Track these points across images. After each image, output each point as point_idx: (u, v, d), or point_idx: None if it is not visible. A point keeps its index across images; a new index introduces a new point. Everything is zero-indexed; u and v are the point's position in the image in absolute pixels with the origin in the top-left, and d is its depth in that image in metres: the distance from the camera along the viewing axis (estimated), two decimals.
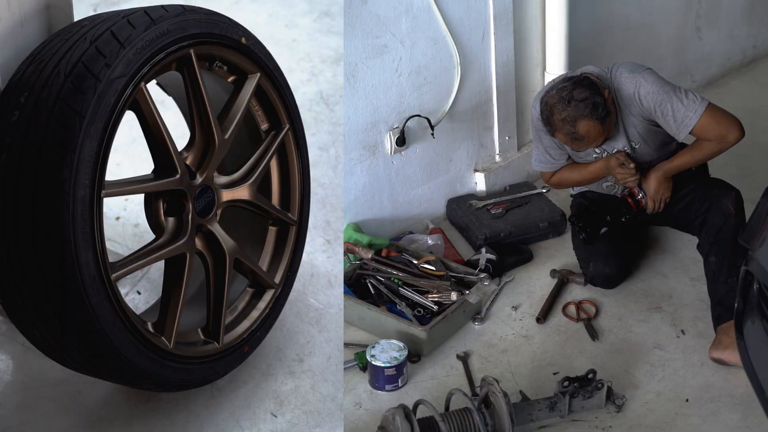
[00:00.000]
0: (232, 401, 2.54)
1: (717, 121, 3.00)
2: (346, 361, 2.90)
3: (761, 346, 2.24)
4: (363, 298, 3.07)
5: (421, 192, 3.55)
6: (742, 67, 5.00)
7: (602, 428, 2.64)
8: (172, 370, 2.33)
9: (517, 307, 3.17)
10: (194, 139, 2.40)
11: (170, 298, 2.36)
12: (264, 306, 2.64)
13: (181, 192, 2.34)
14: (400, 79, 3.31)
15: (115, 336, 2.14)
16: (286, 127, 2.65)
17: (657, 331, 3.04)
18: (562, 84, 2.97)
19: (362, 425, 2.68)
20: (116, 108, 2.09)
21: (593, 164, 3.19)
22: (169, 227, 2.35)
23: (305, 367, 2.64)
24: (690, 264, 3.33)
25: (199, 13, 2.34)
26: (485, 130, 3.70)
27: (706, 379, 2.81)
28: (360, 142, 3.28)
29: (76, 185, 2.03)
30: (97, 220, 2.09)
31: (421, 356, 2.92)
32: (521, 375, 2.85)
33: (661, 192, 3.18)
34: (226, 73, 2.49)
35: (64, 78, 2.05)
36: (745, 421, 2.64)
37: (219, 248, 2.47)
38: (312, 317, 2.80)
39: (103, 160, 2.08)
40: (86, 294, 2.06)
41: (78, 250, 2.04)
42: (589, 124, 2.90)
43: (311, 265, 2.97)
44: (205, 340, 2.48)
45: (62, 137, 2.02)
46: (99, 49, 2.08)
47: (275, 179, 2.72)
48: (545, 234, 3.51)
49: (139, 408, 2.50)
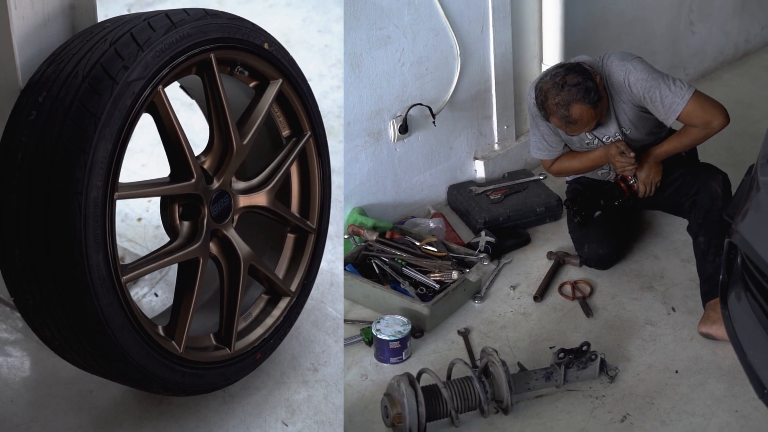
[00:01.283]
0: (243, 408, 2.55)
1: (702, 107, 3.14)
2: (352, 336, 3.04)
3: (744, 316, 2.38)
4: (368, 278, 3.21)
5: (423, 178, 3.69)
6: (734, 61, 5.13)
7: (596, 397, 2.78)
8: (181, 375, 2.33)
9: (515, 286, 3.31)
10: (212, 143, 2.40)
11: (182, 302, 2.36)
12: (279, 314, 2.64)
13: (196, 196, 2.34)
14: (402, 69, 3.45)
15: (123, 338, 2.15)
16: (307, 135, 2.65)
17: (649, 308, 3.18)
18: (555, 70, 3.11)
19: (368, 395, 2.82)
20: (132, 110, 2.09)
21: (593, 152, 3.33)
22: (183, 231, 2.36)
23: (319, 376, 2.64)
24: (681, 246, 3.47)
25: (221, 17, 2.34)
26: (484, 119, 3.84)
27: (694, 353, 2.95)
28: (364, 130, 3.42)
29: (89, 186, 2.03)
30: (109, 221, 2.10)
31: (424, 332, 3.06)
32: (519, 349, 2.99)
33: (651, 176, 3.32)
34: (247, 78, 2.49)
35: (82, 79, 2.06)
36: (731, 391, 2.77)
37: (234, 254, 2.46)
38: (329, 326, 2.81)
39: (117, 162, 2.09)
40: (96, 295, 2.07)
41: (89, 252, 2.05)
42: (582, 108, 3.04)
43: (331, 274, 2.99)
44: (217, 346, 2.48)
45: (76, 138, 2.03)
46: (118, 51, 2.09)
47: (295, 187, 2.72)
48: (542, 218, 3.65)
49: (149, 411, 2.52)
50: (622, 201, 3.36)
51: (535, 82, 3.20)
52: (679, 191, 3.31)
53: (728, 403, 2.73)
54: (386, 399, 2.60)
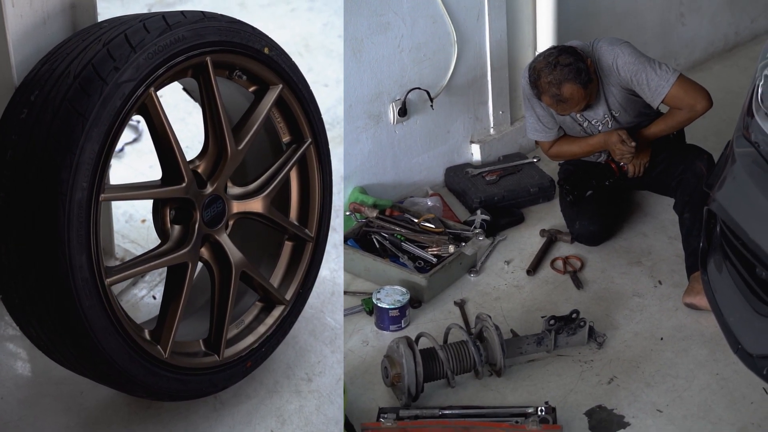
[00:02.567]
0: (233, 415, 2.53)
1: (686, 91, 3.29)
2: (353, 306, 3.19)
3: (721, 280, 2.53)
4: (369, 252, 3.36)
5: (421, 160, 3.85)
6: (724, 52, 5.28)
7: (584, 362, 2.93)
8: (166, 380, 2.30)
9: (509, 261, 3.47)
10: (207, 147, 2.37)
11: (169, 306, 2.33)
12: (272, 322, 2.60)
13: (188, 201, 2.32)
14: (401, 54, 3.60)
15: (106, 340, 2.13)
16: (307, 142, 2.62)
17: (636, 281, 3.33)
18: (548, 51, 3.27)
19: (369, 359, 2.97)
20: (122, 112, 2.08)
21: (592, 138, 3.47)
22: (174, 235, 2.33)
23: (313, 387, 2.62)
24: (668, 225, 3.62)
25: (220, 20, 2.31)
26: (480, 105, 4.00)
27: (679, 321, 3.10)
28: (365, 112, 3.57)
29: (74, 187, 2.01)
30: (95, 223, 2.08)
31: (422, 302, 3.21)
32: (512, 318, 3.14)
33: (640, 158, 3.47)
34: (246, 83, 2.46)
35: (73, 79, 2.05)
36: (713, 356, 2.93)
37: (226, 260, 2.44)
38: (327, 336, 2.79)
39: (104, 163, 2.07)
40: (78, 296, 2.05)
41: (72, 252, 2.03)
42: (573, 88, 3.19)
43: (333, 283, 2.98)
44: (206, 352, 2.45)
45: (63, 138, 2.01)
46: (110, 51, 2.08)
47: (295, 194, 2.69)
48: (535, 199, 3.81)
49: (138, 414, 2.51)
50: (612, 181, 3.51)
51: (529, 64, 3.35)
52: (666, 171, 3.46)
53: (709, 366, 2.88)
54: (386, 360, 2.75)
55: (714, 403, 2.73)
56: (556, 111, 3.33)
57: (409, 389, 2.68)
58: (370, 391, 2.82)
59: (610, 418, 2.69)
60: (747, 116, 2.52)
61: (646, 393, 2.78)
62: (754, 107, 2.46)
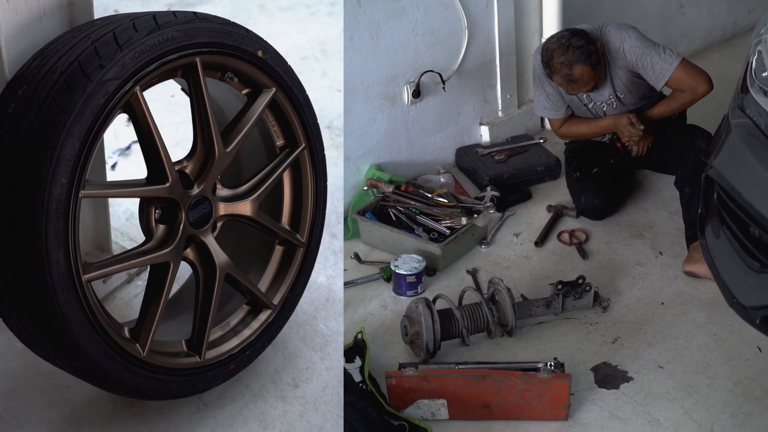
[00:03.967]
0: (216, 417, 2.54)
1: (688, 74, 3.48)
2: (371, 274, 3.38)
3: (718, 243, 2.73)
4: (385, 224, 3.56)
5: (433, 140, 4.04)
6: (723, 42, 5.45)
7: (590, 324, 3.12)
8: (144, 378, 2.30)
9: (518, 234, 3.66)
10: (195, 149, 2.38)
11: (149, 305, 2.33)
12: (258, 326, 2.60)
13: (173, 201, 2.32)
14: (415, 38, 3.80)
15: (81, 336, 2.14)
16: (301, 146, 2.61)
17: (639, 252, 3.52)
18: (561, 33, 3.46)
19: (388, 321, 3.16)
20: (105, 110, 2.08)
21: (602, 120, 3.65)
22: (157, 234, 2.34)
23: (299, 393, 2.63)
24: (668, 201, 3.81)
25: (212, 21, 2.30)
26: (489, 88, 4.19)
27: (679, 288, 3.29)
28: (381, 93, 3.76)
29: (53, 183, 2.02)
30: (73, 219, 2.09)
31: (437, 271, 3.40)
32: (522, 285, 3.33)
33: (644, 138, 3.65)
34: (238, 85, 2.46)
35: (59, 75, 2.06)
36: (710, 318, 3.12)
37: (210, 261, 2.44)
38: (317, 343, 2.80)
39: (85, 159, 2.08)
40: (54, 291, 2.07)
41: (49, 247, 2.04)
42: (583, 69, 3.38)
43: (329, 290, 2.99)
44: (188, 353, 2.45)
45: (44, 134, 2.02)
46: (97, 49, 2.08)
47: (287, 199, 2.69)
48: (542, 177, 4.00)
49: (122, 412, 2.53)
50: (617, 159, 3.70)
51: (540, 46, 3.54)
52: (668, 150, 3.65)
53: (707, 328, 3.07)
54: (406, 320, 2.95)
55: (711, 360, 2.93)
56: (566, 90, 3.52)
57: (427, 346, 2.87)
58: (390, 349, 3.02)
59: (614, 373, 2.89)
60: (741, 93, 2.71)
61: (647, 351, 2.97)
62: (748, 82, 2.64)
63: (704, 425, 2.67)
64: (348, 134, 3.70)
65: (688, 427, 2.66)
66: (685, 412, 2.72)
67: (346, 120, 3.66)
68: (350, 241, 3.59)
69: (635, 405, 2.75)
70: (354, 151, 3.71)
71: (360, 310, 3.22)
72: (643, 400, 2.77)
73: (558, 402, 2.62)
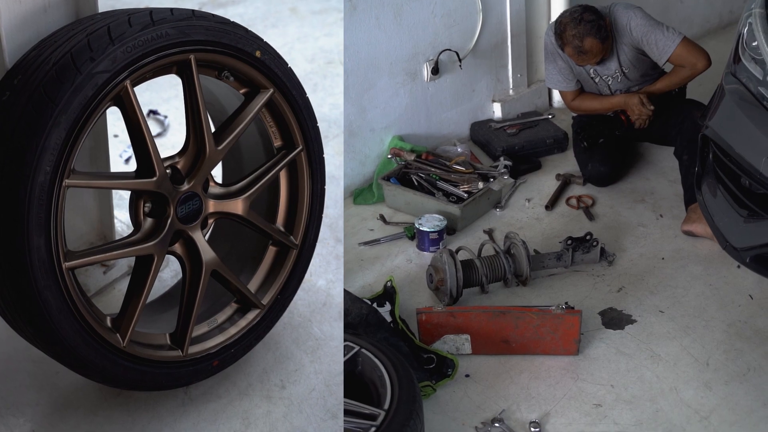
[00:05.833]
0: (200, 413, 2.56)
1: (689, 50, 3.79)
2: (396, 233, 3.69)
3: (714, 200, 3.03)
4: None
5: (449, 115, 4.34)
6: (719, 29, 5.74)
7: (597, 276, 3.43)
8: (122, 368, 2.32)
9: (529, 199, 3.97)
10: (188, 145, 2.39)
11: (132, 297, 2.35)
12: (245, 324, 2.60)
13: (161, 195, 2.33)
14: (435, 19, 4.10)
15: (60, 322, 2.17)
16: (298, 149, 2.61)
17: (641, 215, 3.83)
18: (574, 8, 3.76)
19: (413, 273, 3.47)
20: (93, 102, 2.11)
21: (614, 97, 3.94)
22: (144, 227, 2.35)
23: (285, 394, 2.63)
24: (668, 171, 4.11)
25: (209, 20, 2.31)
26: (501, 68, 4.50)
27: (678, 245, 3.60)
28: (403, 70, 4.07)
29: (37, 170, 2.05)
30: (56, 206, 2.11)
31: (456, 230, 3.71)
32: (534, 244, 3.63)
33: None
34: (235, 84, 2.47)
35: (51, 66, 2.10)
36: (706, 271, 3.42)
37: (197, 257, 2.44)
38: (309, 346, 2.80)
39: (70, 149, 2.10)
40: (33, 276, 2.10)
41: (30, 233, 2.07)
42: (593, 42, 3.69)
43: (327, 294, 2.99)
44: (171, 346, 2.45)
45: (32, 122, 2.06)
46: (90, 42, 2.11)
47: (283, 200, 2.69)
48: (551, 149, 4.30)
49: (107, 401, 2.57)
50: (621, 131, 4.01)
51: (552, 24, 3.85)
52: (668, 122, 3.95)
53: (704, 279, 3.38)
54: (431, 268, 3.26)
55: (707, 306, 3.23)
56: (576, 62, 3.82)
57: (451, 291, 3.18)
58: (416, 296, 3.33)
59: (620, 317, 3.19)
60: (734, 62, 3.02)
61: (650, 299, 3.28)
62: (740, 51, 2.95)
63: (700, 359, 2.97)
64: (373, 107, 4.00)
65: (686, 361, 2.97)
66: (683, 348, 3.03)
67: (371, 94, 3.97)
68: (376, 204, 3.91)
69: (639, 343, 3.06)
70: (378, 123, 4.02)
71: (387, 264, 3.53)
72: (646, 338, 3.08)
73: (570, 337, 2.93)
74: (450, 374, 2.87)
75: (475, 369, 2.96)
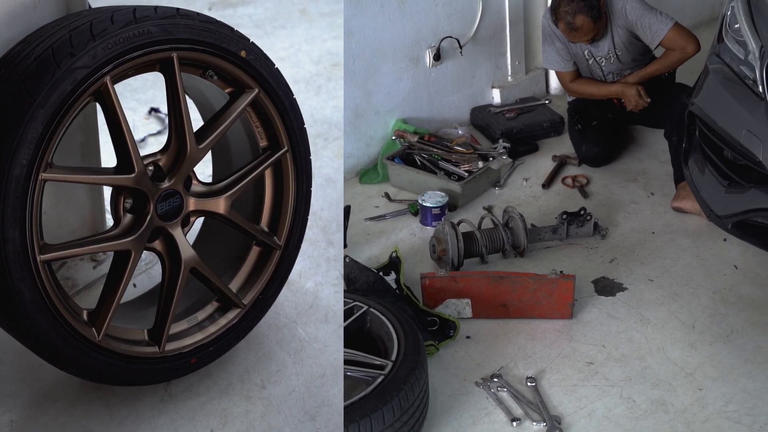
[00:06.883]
0: (178, 410, 2.57)
1: (680, 35, 3.99)
2: (400, 209, 3.89)
3: (700, 175, 3.23)
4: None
5: (450, 100, 4.54)
6: (711, 21, 5.90)
7: (591, 248, 3.63)
8: (97, 362, 2.32)
9: (527, 179, 4.16)
10: (169, 143, 2.40)
11: (108, 291, 2.35)
12: (225, 323, 2.60)
13: (141, 192, 2.34)
14: (436, 7, 4.30)
15: (34, 315, 2.18)
16: (283, 149, 2.61)
17: (633, 193, 4.03)
18: None
19: (417, 245, 3.67)
20: (71, 97, 2.12)
21: (612, 85, 4.14)
22: (123, 222, 2.36)
23: (265, 394, 2.63)
24: (659, 152, 4.30)
25: (193, 18, 2.31)
26: (500, 55, 4.69)
27: (667, 221, 3.80)
28: (406, 56, 4.27)
29: (13, 163, 2.07)
30: (32, 200, 2.13)
31: (457, 207, 3.91)
32: (531, 219, 3.81)
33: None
34: (220, 83, 2.46)
35: (32, 60, 2.11)
36: (694, 244, 3.62)
37: (176, 255, 2.45)
38: (293, 347, 2.80)
39: (47, 143, 2.11)
40: (8, 267, 2.11)
41: (5, 225, 2.09)
42: (585, 19, 3.88)
43: (315, 297, 2.99)
44: (148, 342, 2.46)
45: (9, 115, 2.07)
46: (71, 38, 2.12)
47: (268, 201, 2.69)
48: (548, 133, 4.50)
49: (87, 394, 2.58)
50: (614, 113, 4.21)
51: (548, 8, 4.04)
52: (658, 105, 4.15)
53: (691, 251, 3.58)
54: (434, 239, 3.46)
55: (694, 275, 3.43)
56: (568, 38, 4.02)
57: (453, 261, 3.38)
58: (420, 267, 3.51)
59: (611, 284, 3.39)
60: (717, 43, 3.22)
61: (640, 269, 3.48)
62: (723, 33, 3.15)
63: (687, 323, 3.17)
64: (377, 91, 4.19)
65: (673, 324, 3.17)
66: (671, 313, 3.23)
67: (376, 78, 4.17)
68: (381, 183, 4.11)
69: (629, 308, 3.26)
70: (383, 106, 4.22)
71: (392, 238, 3.73)
72: (636, 304, 3.28)
73: (564, 300, 3.13)
74: (452, 335, 3.07)
75: (475, 331, 3.15)
